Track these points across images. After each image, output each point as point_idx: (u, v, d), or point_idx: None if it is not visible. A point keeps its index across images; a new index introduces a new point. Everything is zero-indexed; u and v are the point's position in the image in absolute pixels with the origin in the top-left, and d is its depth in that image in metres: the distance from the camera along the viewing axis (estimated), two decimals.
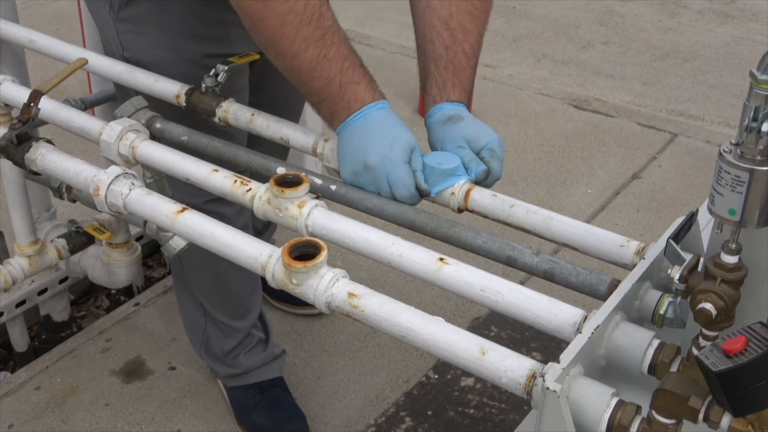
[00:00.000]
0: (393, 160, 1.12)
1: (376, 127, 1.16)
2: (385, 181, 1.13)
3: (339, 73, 1.17)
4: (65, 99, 1.85)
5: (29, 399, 1.95)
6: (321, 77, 1.17)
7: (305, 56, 1.16)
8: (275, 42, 1.17)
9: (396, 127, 1.16)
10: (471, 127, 1.20)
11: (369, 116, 1.17)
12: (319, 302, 0.94)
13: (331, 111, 1.19)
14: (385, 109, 1.19)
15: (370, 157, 1.13)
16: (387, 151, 1.12)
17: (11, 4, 1.81)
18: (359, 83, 1.18)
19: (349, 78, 1.17)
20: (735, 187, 0.77)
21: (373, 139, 1.14)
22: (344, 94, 1.17)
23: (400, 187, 1.12)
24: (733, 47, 4.11)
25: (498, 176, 1.17)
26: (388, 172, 1.12)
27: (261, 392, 1.87)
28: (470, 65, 1.28)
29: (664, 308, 0.95)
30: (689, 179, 2.94)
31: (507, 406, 1.96)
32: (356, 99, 1.17)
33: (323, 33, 1.16)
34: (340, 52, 1.17)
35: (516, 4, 4.54)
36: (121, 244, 1.90)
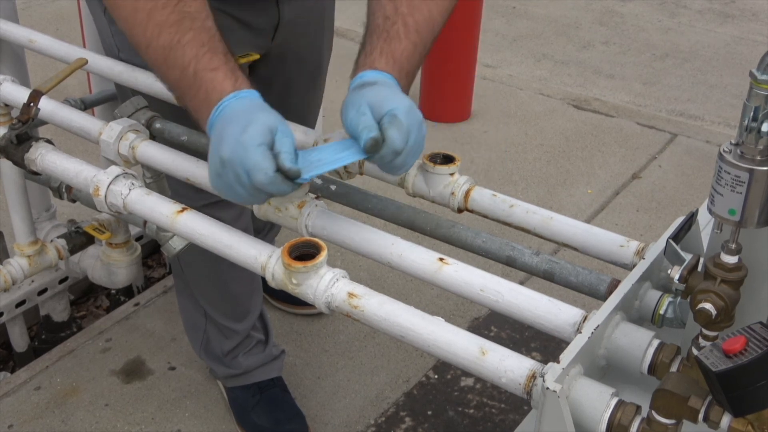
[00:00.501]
0: (245, 143, 0.93)
1: (232, 116, 0.98)
2: (242, 170, 0.94)
3: (193, 59, 1.01)
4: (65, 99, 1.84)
5: (29, 399, 1.95)
6: (175, 66, 1.02)
7: (158, 43, 1.02)
8: (129, 30, 1.05)
9: (253, 111, 0.98)
10: (378, 92, 1.01)
11: (227, 108, 1.00)
12: (319, 302, 0.94)
13: (194, 108, 1.04)
14: (249, 98, 1.01)
15: (223, 148, 0.95)
16: (238, 136, 0.94)
17: (11, 4, 1.81)
18: (217, 69, 1.01)
19: (205, 64, 1.01)
20: (735, 187, 0.77)
21: (227, 129, 0.97)
22: (200, 84, 1.01)
23: (255, 172, 0.93)
24: (733, 47, 4.11)
25: (396, 147, 0.97)
26: (242, 158, 0.93)
27: (260, 392, 1.87)
28: (410, 39, 1.10)
29: (664, 308, 0.95)
30: (689, 179, 2.94)
31: (507, 406, 1.96)
32: (213, 89, 1.01)
33: (180, 18, 1.02)
34: (198, 38, 1.02)
35: (516, 4, 4.54)
36: (121, 244, 1.90)
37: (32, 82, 1.86)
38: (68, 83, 1.53)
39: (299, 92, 1.67)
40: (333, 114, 1.25)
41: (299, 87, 1.67)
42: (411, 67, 1.10)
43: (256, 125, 0.95)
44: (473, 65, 3.21)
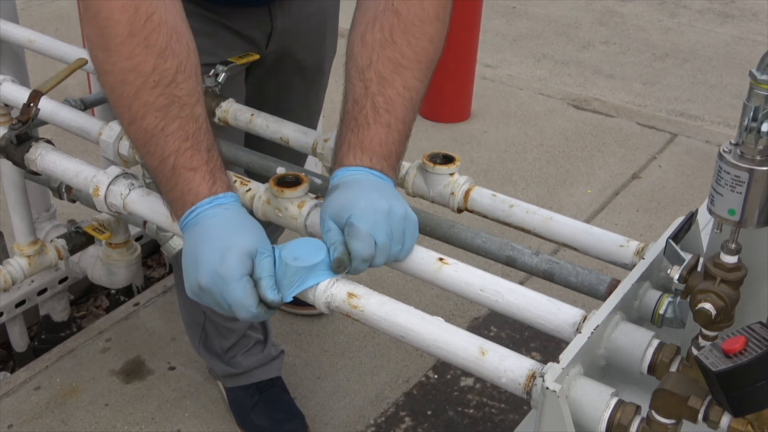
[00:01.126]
0: (225, 277, 0.90)
1: (206, 234, 0.94)
2: (223, 302, 0.92)
3: (174, 153, 0.97)
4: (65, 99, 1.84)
5: (29, 399, 1.95)
6: (155, 154, 0.98)
7: (141, 125, 0.97)
8: (113, 102, 1.00)
9: (231, 232, 0.94)
10: (338, 200, 0.97)
11: (202, 218, 0.96)
12: (318, 302, 0.94)
13: (168, 200, 1.00)
14: (224, 206, 0.97)
15: (201, 278, 0.92)
16: (217, 267, 0.91)
17: (11, 4, 1.81)
18: (196, 170, 0.97)
19: (185, 162, 0.96)
20: (735, 187, 0.77)
21: (203, 252, 0.93)
22: (177, 181, 0.97)
23: (239, 309, 0.91)
24: (733, 47, 4.12)
25: (364, 256, 0.93)
26: (223, 293, 0.91)
27: (259, 392, 1.87)
28: (380, 122, 1.03)
29: (664, 308, 0.95)
30: (689, 179, 2.94)
31: (507, 406, 1.96)
32: (189, 190, 0.96)
33: (168, 102, 0.97)
34: (184, 129, 0.97)
35: (516, 4, 4.54)
36: (121, 244, 1.90)
37: (32, 82, 1.86)
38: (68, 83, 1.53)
39: (298, 95, 1.67)
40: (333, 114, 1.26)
41: (298, 90, 1.66)
42: (388, 149, 1.04)
43: (234, 254, 0.91)
44: (473, 65, 3.21)
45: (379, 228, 0.94)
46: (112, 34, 0.95)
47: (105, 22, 0.96)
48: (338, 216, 0.96)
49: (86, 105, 1.95)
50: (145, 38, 0.96)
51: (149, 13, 0.96)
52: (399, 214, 0.97)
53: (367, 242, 0.93)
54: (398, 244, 0.97)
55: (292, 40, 1.54)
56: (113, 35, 0.95)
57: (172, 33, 0.98)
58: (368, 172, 1.02)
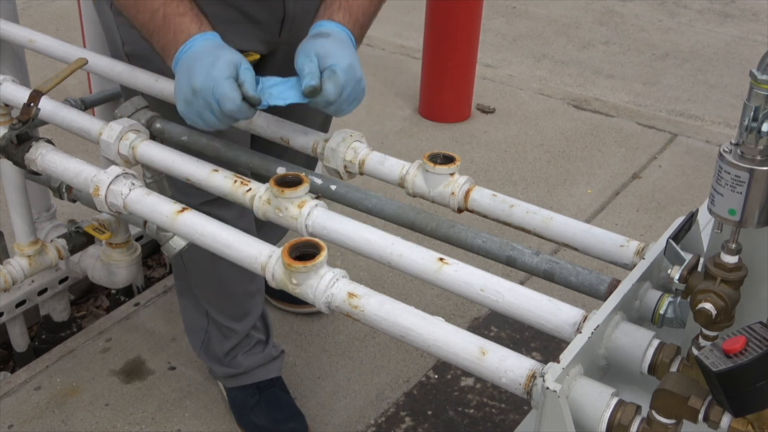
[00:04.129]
0: (215, 76, 1.12)
1: (200, 53, 1.16)
2: (212, 99, 1.12)
3: (162, 5, 1.17)
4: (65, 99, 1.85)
5: (29, 399, 1.95)
6: (145, 10, 1.18)
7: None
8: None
9: (219, 49, 1.16)
10: (327, 45, 1.19)
11: (194, 46, 1.17)
12: (319, 302, 0.94)
13: (161, 46, 1.20)
14: (211, 39, 1.19)
15: (195, 80, 1.13)
16: (209, 69, 1.13)
17: (11, 4, 1.81)
18: (184, 15, 1.18)
19: (174, 10, 1.18)
20: (735, 187, 0.77)
21: (197, 63, 1.14)
22: (169, 27, 1.18)
23: (225, 101, 1.11)
24: (733, 47, 4.11)
25: (329, 99, 1.16)
26: (213, 89, 1.12)
27: (259, 392, 1.87)
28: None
29: (664, 308, 0.95)
30: (689, 179, 2.94)
31: (507, 406, 1.96)
32: (181, 30, 1.17)
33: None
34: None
35: (516, 4, 4.54)
36: (121, 244, 1.90)
37: (32, 82, 1.86)
38: (68, 83, 1.53)
39: None
40: None
41: None
42: (366, 20, 1.27)
43: (223, 61, 1.13)
44: (473, 65, 3.21)
45: (348, 86, 1.16)
46: None
47: None
48: (324, 57, 1.16)
49: (86, 105, 1.96)
50: None
51: None
52: (363, 85, 1.20)
53: (338, 90, 1.15)
54: (349, 106, 1.19)
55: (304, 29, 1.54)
56: None
57: None
58: (349, 35, 1.23)
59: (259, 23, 1.47)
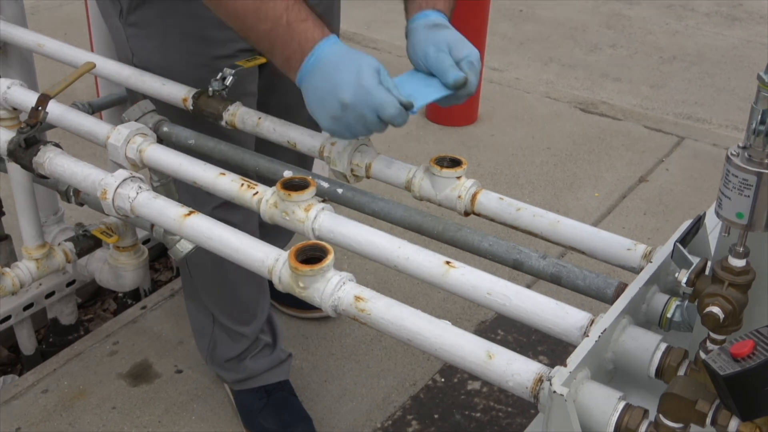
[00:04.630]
0: (367, 87, 1.08)
1: (336, 62, 1.11)
2: (368, 110, 1.09)
3: (285, 12, 1.12)
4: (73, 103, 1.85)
5: (36, 402, 1.95)
6: (267, 17, 1.13)
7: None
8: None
9: (355, 56, 1.12)
10: (455, 37, 1.18)
11: (324, 54, 1.12)
12: (325, 306, 0.94)
13: (285, 57, 1.15)
14: (337, 43, 1.14)
15: (343, 94, 1.09)
16: (357, 80, 1.09)
17: (20, 8, 1.81)
18: (306, 20, 1.13)
19: (296, 15, 1.13)
20: (742, 191, 0.77)
21: (338, 75, 1.10)
22: (293, 35, 1.13)
23: (387, 107, 1.08)
24: (740, 50, 4.10)
25: (472, 90, 1.16)
26: (368, 100, 1.08)
27: (267, 396, 1.87)
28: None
29: (672, 312, 0.95)
30: (696, 182, 2.93)
31: (514, 410, 1.96)
32: (306, 39, 1.13)
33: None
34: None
35: (523, 8, 4.54)
36: (129, 247, 1.90)
37: (40, 86, 1.87)
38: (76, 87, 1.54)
39: None
40: None
41: None
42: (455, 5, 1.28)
43: (368, 69, 1.09)
44: None
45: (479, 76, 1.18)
46: None
47: None
48: (456, 48, 1.16)
49: (94, 109, 1.96)
50: None
51: None
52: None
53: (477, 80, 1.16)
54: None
55: None
56: None
57: None
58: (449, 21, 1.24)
59: None
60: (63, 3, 4.24)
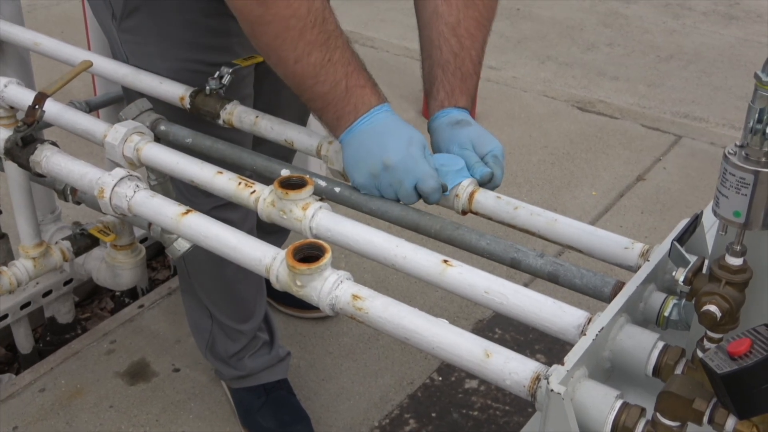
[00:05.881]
0: (415, 156, 1.12)
1: (389, 127, 1.15)
2: (409, 177, 1.11)
3: (345, 77, 1.16)
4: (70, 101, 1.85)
5: (34, 401, 1.95)
6: (326, 81, 1.15)
7: (309, 61, 1.14)
8: (277, 47, 1.16)
9: (408, 127, 1.17)
10: (478, 133, 1.21)
11: (377, 118, 1.16)
12: (323, 304, 0.94)
13: (337, 116, 1.17)
14: (391, 112, 1.18)
15: (390, 156, 1.12)
16: (407, 148, 1.12)
17: (16, 6, 1.81)
18: (365, 86, 1.17)
19: (355, 81, 1.16)
20: (740, 189, 0.77)
21: (390, 138, 1.13)
22: (350, 98, 1.16)
23: (428, 179, 1.11)
24: (737, 49, 4.11)
25: (498, 183, 1.19)
26: (413, 169, 1.11)
27: (266, 394, 1.87)
28: (476, 72, 1.30)
29: (669, 310, 0.95)
30: (694, 181, 2.93)
31: (511, 408, 1.96)
32: (363, 102, 1.16)
33: (327, 37, 1.15)
34: (344, 56, 1.16)
35: (520, 6, 4.54)
36: (126, 246, 1.90)
37: (37, 84, 1.87)
38: (73, 86, 1.54)
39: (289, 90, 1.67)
40: None
41: None
42: (476, 94, 1.30)
43: (418, 141, 1.14)
44: None
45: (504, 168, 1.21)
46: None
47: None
48: (481, 144, 1.19)
49: (91, 107, 1.96)
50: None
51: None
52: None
53: (503, 174, 1.19)
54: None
55: None
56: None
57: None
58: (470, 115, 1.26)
59: None
60: (60, 1, 4.23)
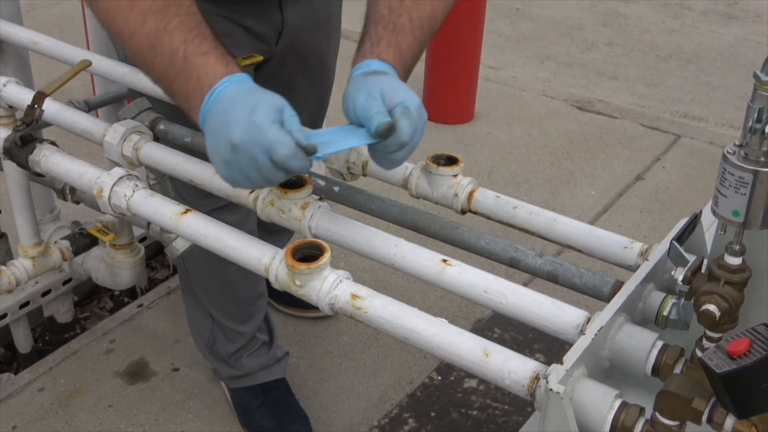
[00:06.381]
0: (258, 123, 0.91)
1: (235, 100, 0.95)
2: (259, 151, 0.91)
3: (182, 44, 0.98)
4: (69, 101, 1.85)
5: (33, 400, 1.95)
6: (163, 52, 0.99)
7: (143, 32, 0.99)
8: (111, 21, 1.02)
9: (255, 93, 0.96)
10: (390, 82, 1.02)
11: (225, 92, 0.97)
12: (322, 304, 0.94)
13: (185, 95, 1.00)
14: (242, 82, 0.98)
15: (233, 132, 0.92)
16: (249, 117, 0.92)
17: (15, 5, 1.81)
18: (208, 54, 0.98)
19: (195, 49, 0.98)
20: (739, 189, 0.77)
21: (233, 112, 0.94)
22: (191, 70, 0.98)
23: (278, 146, 0.90)
24: (736, 48, 4.11)
25: (405, 139, 0.97)
26: (259, 138, 0.91)
27: (264, 394, 1.87)
28: (414, 35, 1.10)
29: (668, 310, 0.95)
30: (693, 181, 2.93)
31: (510, 408, 1.96)
32: (206, 74, 0.97)
33: (164, 4, 0.99)
34: (185, 23, 1.00)
35: (519, 6, 4.54)
36: (125, 245, 1.90)
37: (36, 83, 1.87)
38: (72, 85, 1.54)
39: (303, 93, 1.67)
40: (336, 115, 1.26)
41: (303, 87, 1.66)
42: (412, 62, 1.12)
43: (265, 105, 0.93)
44: (477, 67, 3.21)
45: (419, 128, 1.00)
46: None
47: None
48: (391, 94, 0.99)
49: (90, 107, 1.96)
50: None
51: None
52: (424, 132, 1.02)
53: (413, 129, 0.98)
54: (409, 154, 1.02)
55: (300, 37, 1.55)
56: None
57: None
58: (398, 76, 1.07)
59: (257, 35, 1.47)
60: (59, 1, 4.23)
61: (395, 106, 0.98)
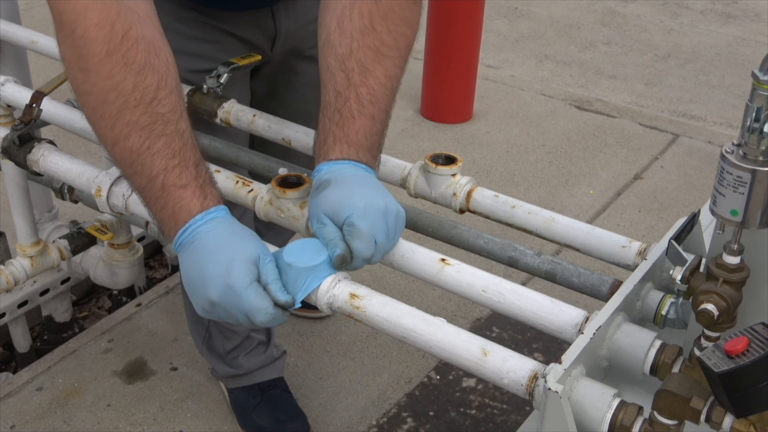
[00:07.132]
0: (235, 287, 0.90)
1: (208, 247, 0.94)
2: (239, 313, 0.91)
3: (162, 172, 0.96)
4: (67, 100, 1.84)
5: (31, 399, 1.95)
6: (142, 174, 0.97)
7: (126, 145, 0.96)
8: (95, 123, 0.99)
9: (231, 242, 0.94)
10: (333, 196, 0.97)
11: (198, 234, 0.95)
12: (320, 303, 0.94)
13: (159, 219, 0.99)
14: (217, 219, 0.96)
15: (211, 293, 0.91)
16: (225, 279, 0.90)
17: (13, 5, 1.81)
18: (186, 187, 0.96)
19: (174, 180, 0.96)
20: (737, 188, 0.77)
21: (207, 266, 0.92)
22: (167, 200, 0.96)
23: (256, 314, 0.90)
24: (735, 48, 4.11)
25: (365, 256, 0.94)
26: (237, 304, 0.90)
27: (261, 393, 1.87)
28: (365, 114, 1.04)
29: (666, 309, 0.95)
30: (691, 180, 2.94)
31: (509, 407, 1.96)
32: (181, 207, 0.95)
33: (152, 120, 0.96)
34: (170, 146, 0.96)
35: (518, 5, 4.54)
36: (123, 244, 1.90)
37: (34, 83, 1.86)
38: None
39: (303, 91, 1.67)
40: None
41: (302, 87, 1.66)
42: (372, 141, 1.05)
43: (240, 263, 0.91)
44: (475, 66, 3.21)
45: (378, 228, 0.95)
46: (89, 53, 0.95)
47: (81, 41, 0.95)
48: (335, 213, 0.95)
49: None
50: (124, 56, 0.94)
51: (125, 28, 0.95)
52: (393, 211, 0.98)
53: (369, 242, 0.93)
54: (392, 241, 0.99)
55: (298, 42, 1.54)
56: (91, 54, 0.95)
57: (150, 48, 0.97)
58: (355, 165, 1.02)
59: (249, 43, 1.46)
60: None
61: (343, 225, 0.95)
